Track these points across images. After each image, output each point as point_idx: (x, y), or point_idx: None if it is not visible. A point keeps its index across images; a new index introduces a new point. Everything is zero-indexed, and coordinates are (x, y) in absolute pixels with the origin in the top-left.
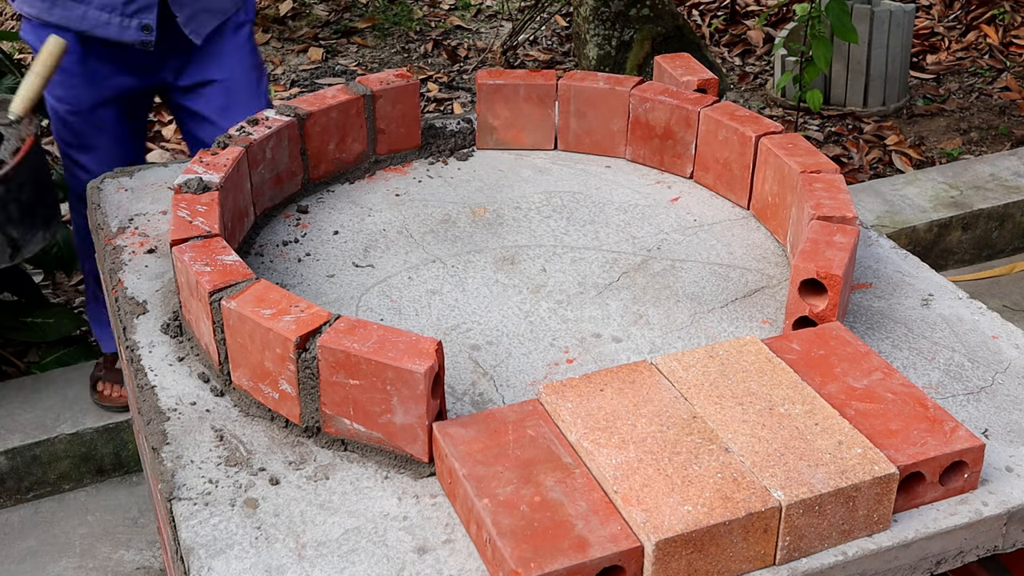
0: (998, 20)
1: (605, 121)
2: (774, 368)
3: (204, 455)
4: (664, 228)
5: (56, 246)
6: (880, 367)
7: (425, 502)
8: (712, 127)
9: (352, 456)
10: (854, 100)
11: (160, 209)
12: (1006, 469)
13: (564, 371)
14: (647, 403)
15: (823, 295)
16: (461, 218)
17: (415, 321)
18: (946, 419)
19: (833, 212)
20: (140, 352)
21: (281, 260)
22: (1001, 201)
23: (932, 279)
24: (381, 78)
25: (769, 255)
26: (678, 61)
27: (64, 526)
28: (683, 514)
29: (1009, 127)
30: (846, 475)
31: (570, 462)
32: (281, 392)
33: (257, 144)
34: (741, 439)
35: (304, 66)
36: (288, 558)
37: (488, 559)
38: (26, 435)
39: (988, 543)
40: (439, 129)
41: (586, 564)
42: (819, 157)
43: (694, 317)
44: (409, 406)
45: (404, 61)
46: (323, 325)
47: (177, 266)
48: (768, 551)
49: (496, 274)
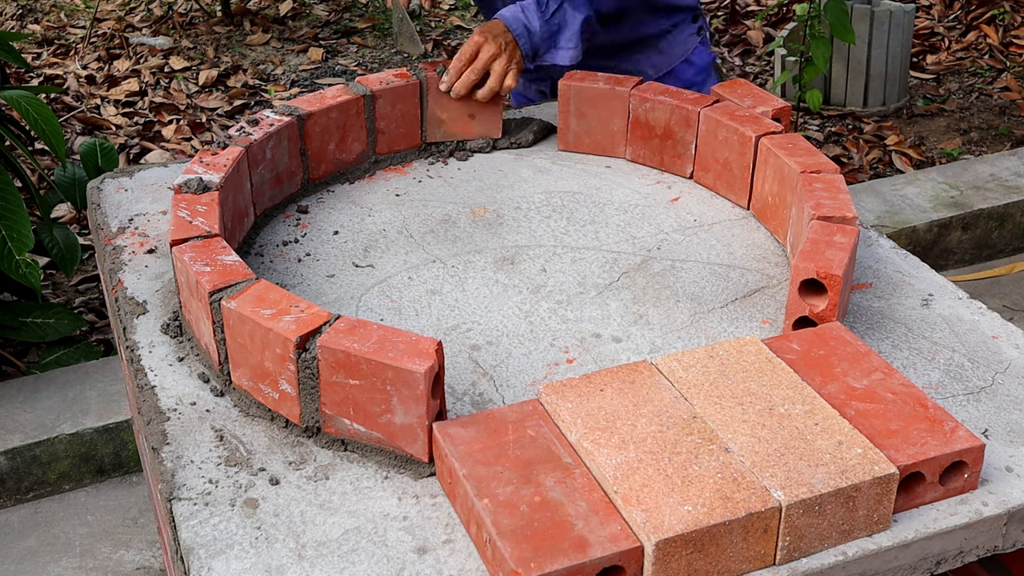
0: (998, 20)
1: (605, 121)
2: (774, 368)
3: (204, 455)
4: (664, 228)
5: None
6: (880, 367)
7: (425, 502)
8: (712, 127)
9: (352, 456)
10: (854, 100)
11: (160, 209)
12: (1006, 469)
13: (564, 371)
14: (647, 403)
15: (823, 295)
16: (461, 218)
17: (415, 321)
18: (946, 419)
19: (833, 212)
20: (140, 352)
21: (281, 260)
22: (1001, 201)
23: (932, 279)
24: (381, 78)
25: (769, 255)
26: (739, 89)
27: (64, 526)
28: (683, 514)
29: (1009, 127)
30: (846, 475)
31: (570, 462)
32: (281, 392)
33: (257, 144)
34: (741, 439)
35: (304, 66)
36: (288, 558)
37: (488, 559)
38: (26, 435)
39: (988, 543)
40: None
41: (586, 564)
42: (819, 157)
43: (694, 317)
44: (409, 406)
45: (404, 61)
46: (323, 325)
47: (177, 266)
48: (768, 551)
49: (496, 274)
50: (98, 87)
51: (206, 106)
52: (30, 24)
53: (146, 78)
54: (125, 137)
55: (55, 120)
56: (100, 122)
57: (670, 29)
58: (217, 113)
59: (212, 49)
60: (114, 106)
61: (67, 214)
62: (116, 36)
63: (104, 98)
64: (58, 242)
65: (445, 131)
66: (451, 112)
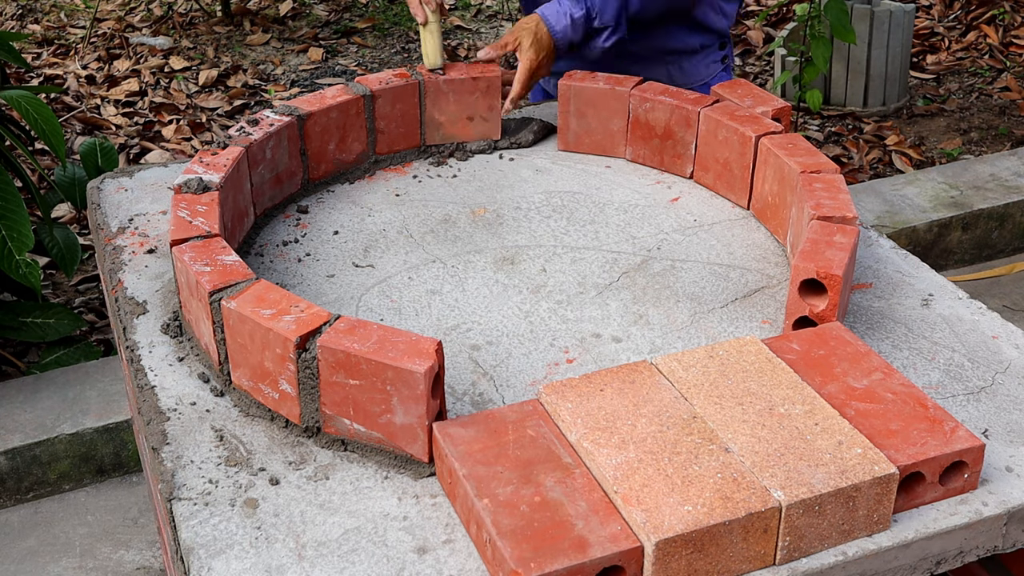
0: (998, 20)
1: (605, 121)
2: (774, 368)
3: (204, 455)
4: (664, 228)
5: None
6: (880, 367)
7: (425, 502)
8: (712, 127)
9: (352, 456)
10: (854, 100)
11: (160, 209)
12: (1006, 469)
13: (564, 371)
14: (647, 403)
15: (823, 295)
16: (461, 218)
17: (415, 321)
18: (946, 419)
19: (833, 212)
20: (140, 352)
21: (281, 260)
22: (1001, 201)
23: (932, 279)
24: (381, 78)
25: (769, 255)
26: (739, 89)
27: (64, 526)
28: (683, 514)
29: (1009, 127)
30: (846, 475)
31: (570, 462)
32: (281, 392)
33: (257, 144)
34: (741, 439)
35: (304, 66)
36: (288, 558)
37: (488, 559)
38: (26, 435)
39: (988, 543)
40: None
41: (586, 564)
42: (819, 157)
43: (694, 317)
44: (409, 406)
45: (404, 61)
46: (323, 325)
47: (177, 266)
48: (768, 551)
49: (496, 274)
50: (98, 87)
51: (206, 106)
52: (30, 24)
53: (146, 78)
54: (125, 137)
55: (55, 120)
56: (100, 122)
57: (698, 49)
58: (217, 113)
59: (212, 49)
60: (114, 106)
61: (67, 214)
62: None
63: (104, 98)
64: (58, 242)
65: (444, 133)
66: (449, 115)
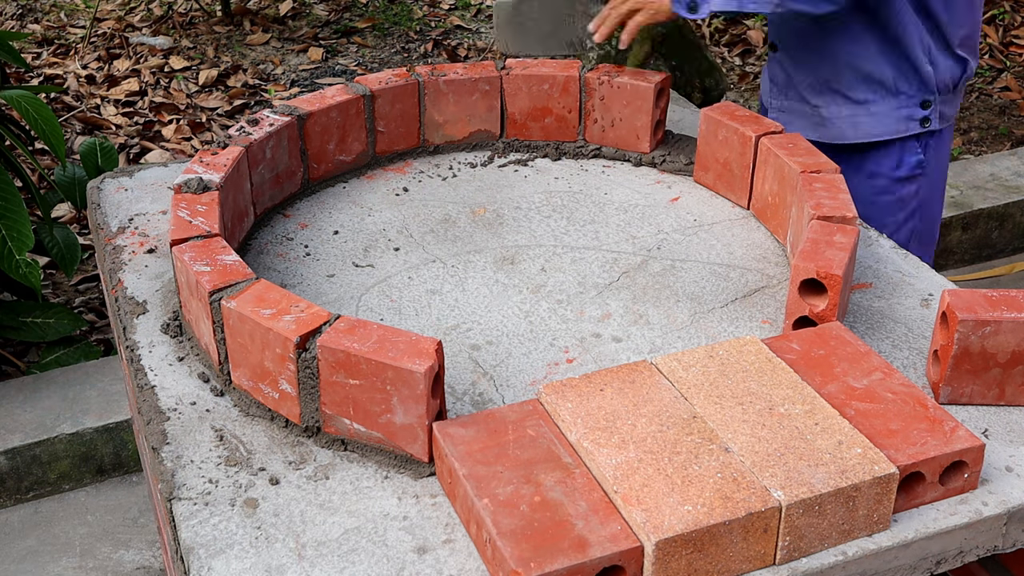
0: (998, 20)
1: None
2: (774, 368)
3: (204, 455)
4: (664, 228)
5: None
6: (880, 367)
7: (425, 502)
8: (712, 127)
9: (352, 456)
10: None
11: (160, 209)
12: (1006, 469)
13: (564, 371)
14: (647, 403)
15: (823, 295)
16: (461, 218)
17: (415, 321)
18: (946, 419)
19: (833, 212)
20: (140, 352)
21: (281, 260)
22: (1001, 201)
23: (932, 279)
24: (380, 78)
25: (769, 255)
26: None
27: (64, 526)
28: (683, 514)
29: (1009, 127)
30: (846, 475)
31: (570, 462)
32: (281, 392)
33: (257, 144)
34: (741, 439)
35: (304, 66)
36: (288, 558)
37: (488, 559)
38: (26, 435)
39: (988, 543)
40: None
41: (586, 564)
42: (819, 157)
43: (694, 317)
44: (409, 406)
45: (404, 61)
46: (323, 325)
47: (177, 266)
48: (768, 551)
49: (496, 274)
50: (98, 87)
51: (206, 106)
52: (30, 24)
53: (146, 78)
54: (125, 137)
55: (55, 120)
56: (100, 122)
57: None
58: (217, 113)
59: (212, 49)
60: (114, 106)
61: (67, 214)
62: (116, 36)
63: (104, 98)
64: (58, 242)
65: (443, 134)
66: (448, 116)
